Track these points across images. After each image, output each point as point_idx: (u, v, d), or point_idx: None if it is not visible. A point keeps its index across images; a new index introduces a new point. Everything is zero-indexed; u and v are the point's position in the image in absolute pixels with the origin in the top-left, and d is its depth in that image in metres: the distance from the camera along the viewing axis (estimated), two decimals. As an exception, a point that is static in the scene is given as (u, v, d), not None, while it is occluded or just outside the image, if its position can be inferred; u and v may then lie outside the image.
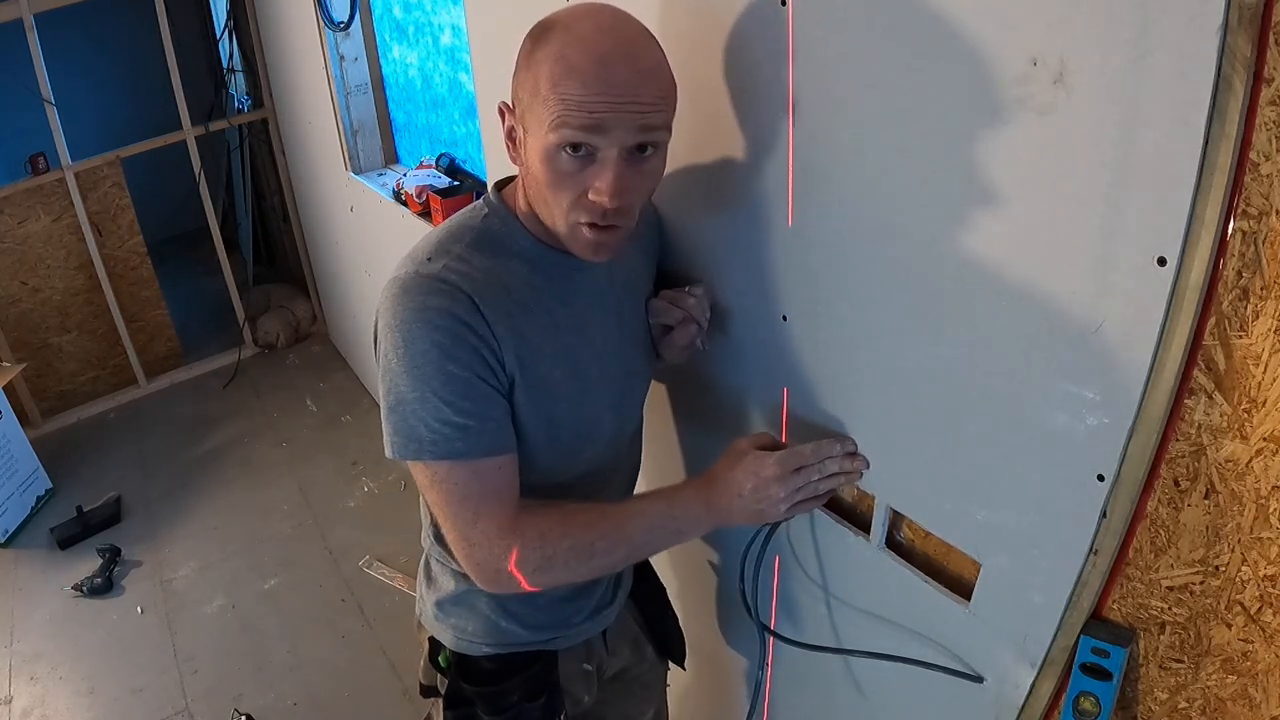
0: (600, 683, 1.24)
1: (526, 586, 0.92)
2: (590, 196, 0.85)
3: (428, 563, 1.16)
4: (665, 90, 0.85)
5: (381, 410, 0.90)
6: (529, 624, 1.10)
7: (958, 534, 0.92)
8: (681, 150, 1.00)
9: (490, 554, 0.91)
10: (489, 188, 1.00)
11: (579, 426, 1.01)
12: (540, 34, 0.85)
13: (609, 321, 1.02)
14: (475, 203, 0.99)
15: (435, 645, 1.15)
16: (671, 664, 1.38)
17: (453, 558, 1.04)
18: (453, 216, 0.98)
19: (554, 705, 1.13)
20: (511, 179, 0.99)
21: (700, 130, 1.02)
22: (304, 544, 2.75)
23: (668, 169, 0.93)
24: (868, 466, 0.99)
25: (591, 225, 0.88)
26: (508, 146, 0.91)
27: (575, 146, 0.82)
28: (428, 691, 1.21)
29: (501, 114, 0.91)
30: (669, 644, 1.34)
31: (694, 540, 1.41)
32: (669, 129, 0.87)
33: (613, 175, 0.84)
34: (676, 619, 1.35)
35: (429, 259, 0.90)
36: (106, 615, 2.53)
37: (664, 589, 1.34)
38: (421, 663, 1.20)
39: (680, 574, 1.51)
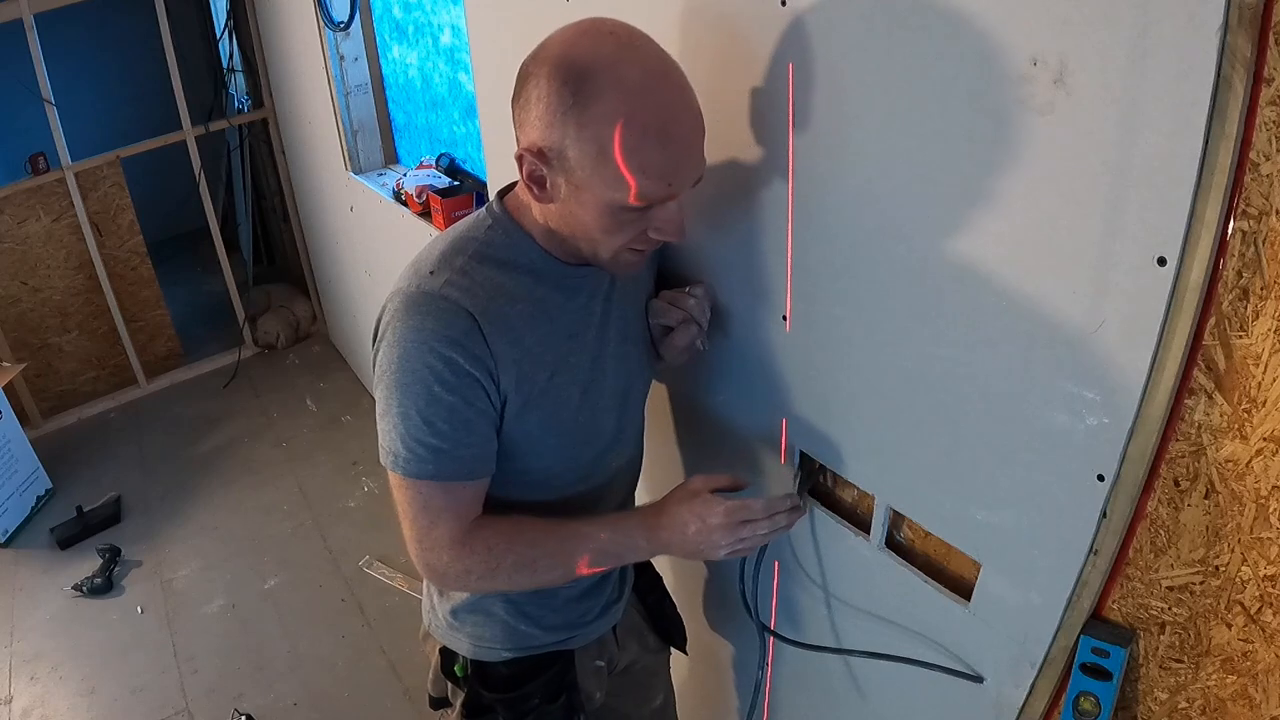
0: (610, 677, 1.25)
1: (465, 591, 1.00)
2: (654, 235, 0.88)
3: None
4: (704, 124, 0.86)
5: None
6: (546, 625, 1.11)
7: (958, 534, 0.92)
8: (681, 150, 1.00)
9: (438, 558, 0.94)
10: (492, 196, 0.99)
11: (582, 431, 1.02)
12: (582, 84, 0.78)
13: (611, 325, 1.03)
14: (479, 211, 0.98)
15: (448, 655, 1.15)
16: (674, 650, 1.39)
17: None
18: (456, 225, 0.98)
19: (573, 704, 1.14)
20: (514, 185, 0.98)
21: (700, 130, 1.02)
22: (304, 544, 2.75)
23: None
24: (801, 516, 1.02)
25: (638, 250, 0.91)
26: (529, 187, 0.86)
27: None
28: (437, 703, 1.21)
29: (520, 160, 0.84)
30: (670, 631, 1.35)
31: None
32: None
33: (681, 218, 0.88)
34: (674, 605, 1.37)
35: (431, 272, 0.90)
36: (106, 615, 2.53)
37: (660, 577, 1.36)
38: (430, 674, 1.19)
39: (680, 574, 1.51)
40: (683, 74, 0.83)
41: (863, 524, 1.06)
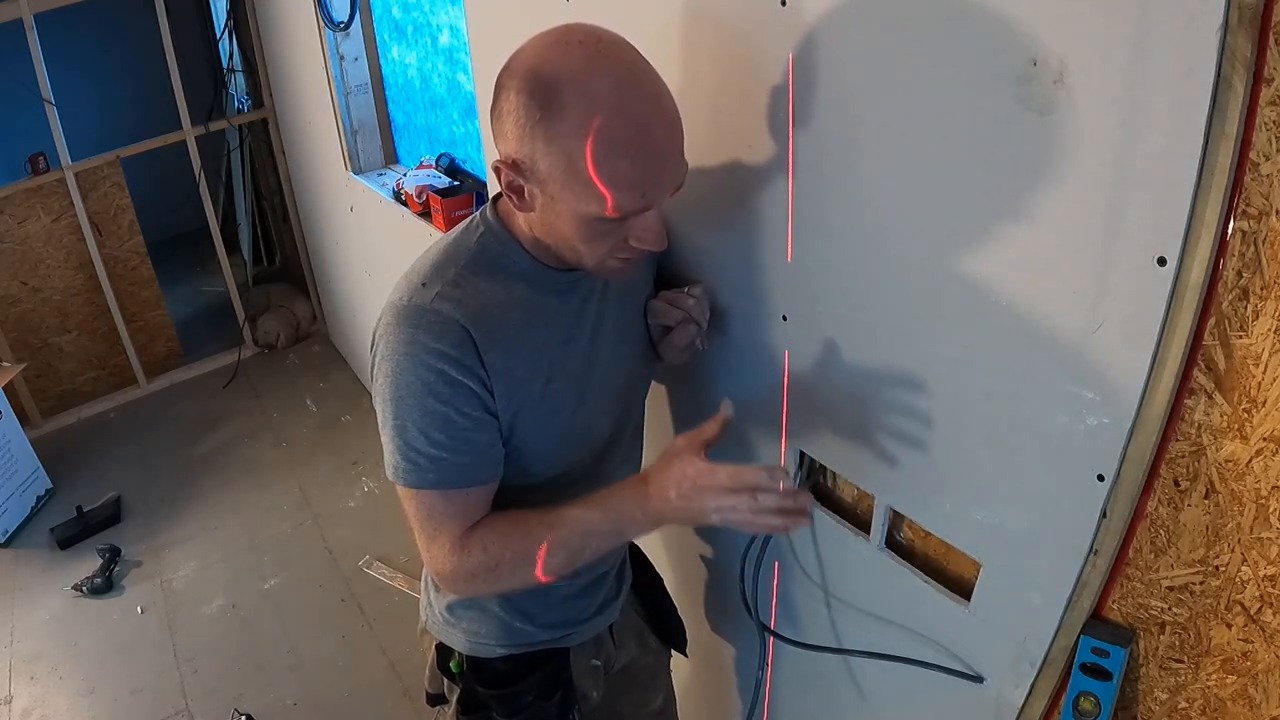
0: (608, 677, 1.25)
1: (478, 594, 0.99)
2: (634, 244, 0.87)
3: None
4: (682, 130, 0.84)
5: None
6: (542, 622, 1.11)
7: (958, 534, 0.92)
8: (681, 150, 0.99)
9: (444, 565, 0.95)
10: (487, 203, 0.99)
11: (579, 433, 1.02)
12: (549, 98, 0.76)
13: (605, 327, 1.03)
14: (472, 218, 0.98)
15: (444, 651, 1.15)
16: (674, 652, 1.39)
17: None
18: (450, 234, 0.98)
19: (568, 702, 1.14)
20: None
21: (700, 131, 1.02)
22: (304, 544, 2.75)
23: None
24: (809, 523, 1.00)
25: (624, 258, 0.90)
26: (509, 197, 0.87)
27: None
28: (434, 700, 1.21)
29: (498, 171, 0.84)
30: (671, 632, 1.35)
31: (693, 539, 1.42)
32: None
33: (659, 226, 0.86)
34: (675, 607, 1.37)
35: (423, 284, 0.90)
36: (106, 615, 2.53)
37: (661, 578, 1.36)
38: (427, 670, 1.20)
39: (680, 574, 1.51)
40: (657, 80, 0.81)
41: (863, 524, 1.06)
